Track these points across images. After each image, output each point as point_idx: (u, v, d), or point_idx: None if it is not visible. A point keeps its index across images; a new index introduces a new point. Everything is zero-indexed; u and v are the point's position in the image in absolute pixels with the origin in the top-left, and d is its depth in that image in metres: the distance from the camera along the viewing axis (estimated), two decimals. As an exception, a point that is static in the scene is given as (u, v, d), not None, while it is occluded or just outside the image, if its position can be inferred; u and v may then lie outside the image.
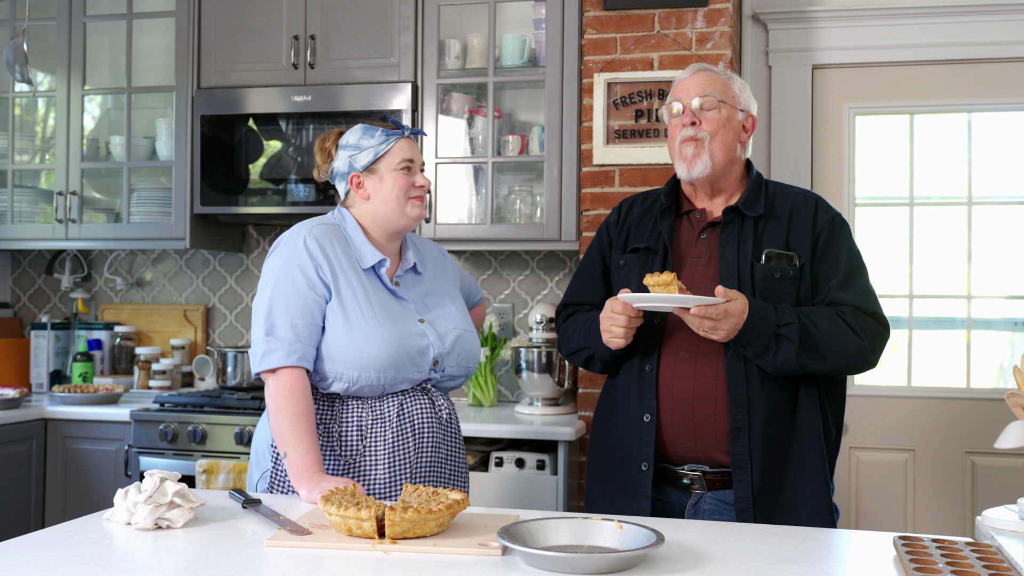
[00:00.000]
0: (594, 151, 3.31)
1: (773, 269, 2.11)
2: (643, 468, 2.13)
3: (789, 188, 2.25)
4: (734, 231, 2.15)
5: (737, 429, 2.06)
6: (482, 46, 3.55)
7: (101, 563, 1.49)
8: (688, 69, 2.27)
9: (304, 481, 1.95)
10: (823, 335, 2.04)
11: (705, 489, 2.11)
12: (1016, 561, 1.50)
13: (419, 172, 2.22)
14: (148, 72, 3.92)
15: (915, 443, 3.53)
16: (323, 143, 2.25)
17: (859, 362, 2.09)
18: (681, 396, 2.10)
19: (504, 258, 3.84)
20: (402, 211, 2.19)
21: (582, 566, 1.45)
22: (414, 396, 2.15)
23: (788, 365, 2.04)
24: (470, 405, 3.61)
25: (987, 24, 3.46)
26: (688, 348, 2.12)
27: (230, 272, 4.12)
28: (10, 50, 3.13)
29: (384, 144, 2.18)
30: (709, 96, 2.17)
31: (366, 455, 2.10)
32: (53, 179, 3.92)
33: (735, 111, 2.20)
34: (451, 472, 2.23)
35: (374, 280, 2.18)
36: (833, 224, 2.17)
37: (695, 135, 2.16)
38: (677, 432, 2.11)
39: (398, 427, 2.11)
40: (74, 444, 3.53)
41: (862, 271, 2.17)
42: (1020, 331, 3.52)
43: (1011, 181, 3.54)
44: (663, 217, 2.23)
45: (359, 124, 2.22)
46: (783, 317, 2.03)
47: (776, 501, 2.07)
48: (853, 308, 2.10)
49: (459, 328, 2.23)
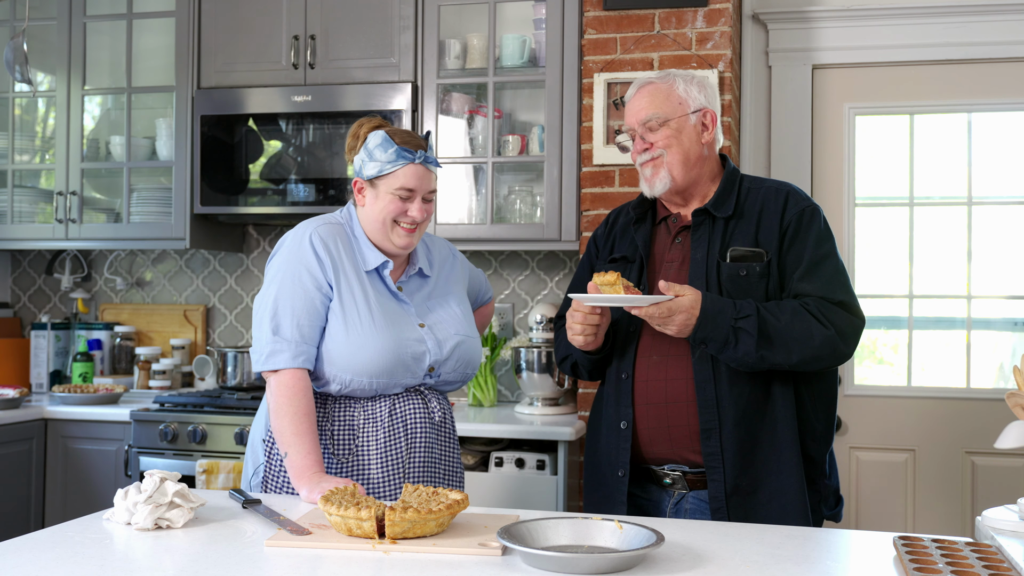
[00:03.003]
0: (594, 151, 3.31)
1: (739, 267, 2.11)
2: (619, 474, 2.16)
3: (763, 183, 2.23)
4: (704, 232, 2.16)
5: (707, 430, 2.07)
6: (482, 46, 3.55)
7: (101, 563, 1.49)
8: (632, 87, 2.25)
9: (304, 481, 1.95)
10: (784, 326, 2.01)
11: (687, 488, 2.13)
12: (1016, 561, 1.50)
13: (418, 201, 2.13)
14: (148, 72, 3.92)
15: (915, 443, 3.53)
16: (357, 129, 2.18)
17: (828, 352, 2.04)
18: (655, 399, 2.12)
19: (504, 258, 3.84)
20: (386, 235, 2.14)
21: (582, 566, 1.45)
22: (407, 397, 2.15)
23: (748, 358, 2.02)
24: (470, 405, 3.61)
25: (987, 24, 3.46)
26: (660, 352, 2.14)
27: (230, 272, 4.12)
28: (10, 50, 3.13)
29: (391, 164, 2.11)
30: (651, 120, 2.17)
31: (359, 455, 2.10)
32: (53, 179, 3.92)
33: (685, 118, 2.18)
34: (445, 473, 2.22)
35: (376, 282, 2.17)
36: (802, 216, 2.14)
37: (651, 156, 2.18)
38: (653, 435, 2.13)
39: (390, 427, 2.11)
40: (74, 444, 3.53)
41: (828, 260, 2.12)
42: (1020, 331, 3.52)
43: (1011, 181, 3.54)
44: (637, 228, 2.26)
45: (382, 131, 2.13)
46: (740, 311, 2.02)
47: (751, 500, 2.08)
48: (817, 298, 2.06)
49: (460, 334, 2.21)
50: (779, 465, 2.08)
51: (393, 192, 2.11)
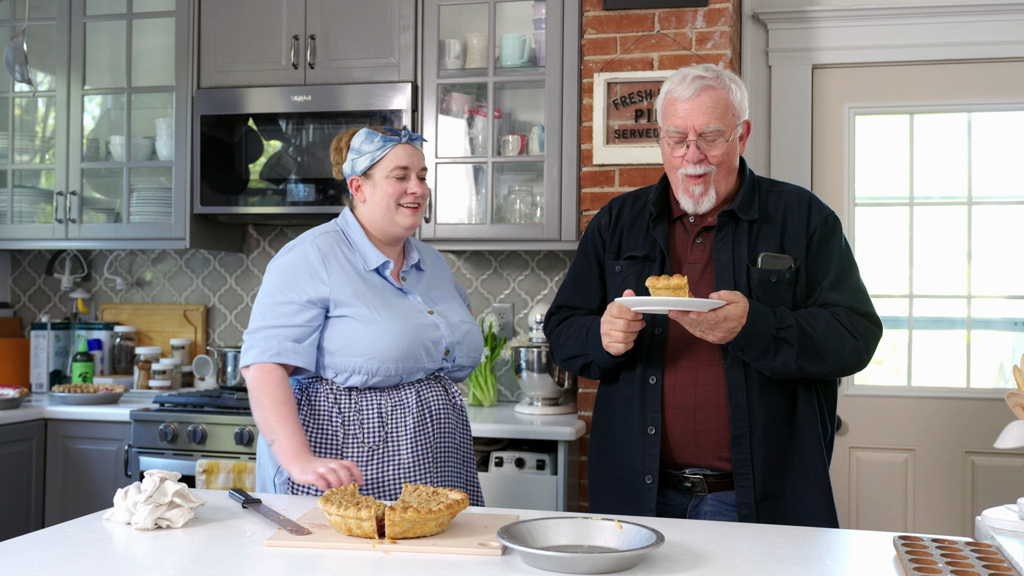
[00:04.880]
0: (594, 151, 3.31)
1: (769, 272, 2.08)
2: (647, 481, 2.11)
3: (781, 186, 2.21)
4: (728, 235, 2.12)
5: (738, 436, 2.06)
6: (482, 46, 3.55)
7: (101, 563, 1.49)
8: (687, 82, 2.09)
9: (295, 463, 2.02)
10: (820, 337, 2.02)
11: (706, 491, 2.11)
12: (1016, 561, 1.50)
13: (415, 179, 2.23)
14: (148, 72, 3.91)
15: (915, 443, 3.53)
16: (338, 143, 2.30)
17: (855, 362, 2.08)
18: (683, 404, 2.09)
19: (504, 258, 3.84)
20: (392, 219, 2.23)
21: (582, 566, 1.45)
22: (429, 385, 2.22)
23: (787, 368, 2.02)
24: (470, 405, 3.61)
25: (987, 24, 3.46)
26: (688, 356, 2.11)
27: (230, 272, 4.12)
28: (10, 50, 3.13)
29: (380, 150, 2.22)
30: (712, 131, 2.07)
31: (389, 441, 2.16)
32: (53, 179, 3.92)
33: (735, 130, 2.12)
34: (465, 457, 2.30)
35: (380, 279, 2.24)
36: (826, 224, 2.14)
37: (703, 172, 2.08)
38: (679, 440, 2.10)
39: (418, 413, 2.18)
40: (74, 444, 3.53)
41: (853, 270, 2.14)
42: (1020, 331, 3.52)
43: (1011, 181, 3.53)
44: (656, 225, 2.18)
45: (364, 128, 2.26)
46: (782, 320, 2.01)
47: (778, 505, 2.07)
48: (846, 309, 2.08)
49: (467, 321, 2.33)
50: (805, 470, 2.08)
51: (389, 174, 2.21)
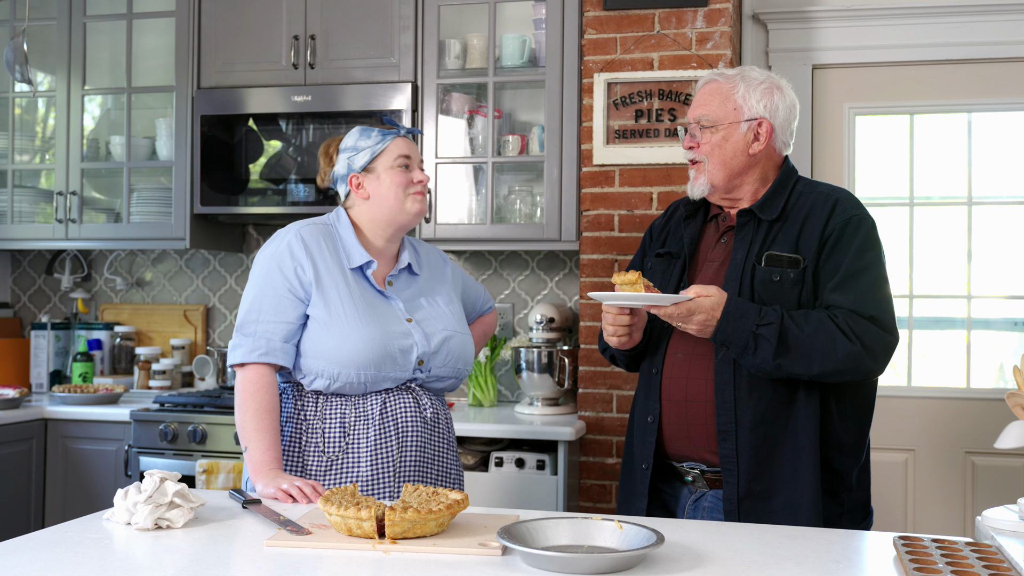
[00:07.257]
0: (594, 151, 3.31)
1: (772, 272, 2.07)
2: (643, 467, 2.18)
3: (816, 187, 2.18)
4: (747, 233, 2.14)
5: (724, 432, 2.06)
6: (482, 46, 3.55)
7: (101, 563, 1.49)
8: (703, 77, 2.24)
9: (261, 476, 2.01)
10: (807, 337, 1.98)
11: (707, 487, 2.13)
12: (1016, 561, 1.50)
13: (417, 169, 2.25)
14: (148, 72, 3.91)
15: (915, 443, 3.53)
16: (327, 148, 2.29)
17: (852, 367, 1.99)
18: (676, 397, 2.14)
19: (504, 258, 3.84)
20: (402, 207, 2.21)
21: (582, 566, 1.45)
22: (397, 395, 2.16)
23: (766, 366, 2.00)
24: (470, 405, 3.61)
25: (987, 24, 3.46)
26: (686, 350, 2.14)
27: (230, 272, 4.12)
28: (10, 50, 3.13)
29: (380, 143, 2.21)
30: (702, 120, 2.16)
31: (348, 452, 2.12)
32: (53, 179, 3.92)
33: (735, 126, 2.14)
34: (439, 472, 2.22)
35: (360, 280, 2.20)
36: (847, 225, 2.08)
37: (694, 158, 2.18)
38: (674, 431, 2.14)
39: (380, 425, 2.12)
40: (74, 444, 3.53)
41: (866, 273, 2.05)
42: (1020, 331, 3.52)
43: (1011, 181, 3.53)
44: (687, 224, 2.26)
45: (356, 127, 2.26)
46: (764, 317, 1.99)
47: (765, 505, 2.06)
48: (848, 311, 2.01)
49: (448, 329, 2.23)
50: (795, 473, 2.05)
51: (393, 165, 2.21)
